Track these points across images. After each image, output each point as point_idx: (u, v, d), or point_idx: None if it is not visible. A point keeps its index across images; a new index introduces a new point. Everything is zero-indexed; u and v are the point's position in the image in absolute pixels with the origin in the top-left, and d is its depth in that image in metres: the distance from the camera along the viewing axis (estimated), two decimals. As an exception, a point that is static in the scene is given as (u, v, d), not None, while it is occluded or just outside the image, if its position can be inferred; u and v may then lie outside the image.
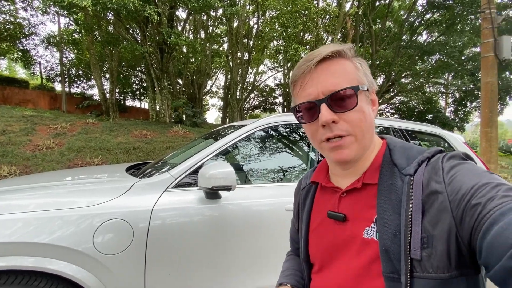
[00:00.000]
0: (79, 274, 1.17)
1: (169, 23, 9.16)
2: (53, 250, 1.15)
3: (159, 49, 9.13)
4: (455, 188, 0.43)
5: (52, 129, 6.70)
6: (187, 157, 1.63)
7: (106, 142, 6.41)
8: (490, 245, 0.37)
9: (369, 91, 0.56)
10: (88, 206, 1.25)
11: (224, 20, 15.14)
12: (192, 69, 16.40)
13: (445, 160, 0.48)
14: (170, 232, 1.35)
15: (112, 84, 11.28)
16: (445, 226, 0.43)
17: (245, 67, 14.83)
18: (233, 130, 1.84)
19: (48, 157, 5.34)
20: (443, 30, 13.76)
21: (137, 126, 8.10)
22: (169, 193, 1.44)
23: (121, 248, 1.25)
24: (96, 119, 8.80)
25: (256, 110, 22.67)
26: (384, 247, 0.47)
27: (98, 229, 1.22)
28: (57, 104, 14.59)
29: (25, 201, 1.23)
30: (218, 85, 23.90)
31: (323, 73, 0.53)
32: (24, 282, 1.13)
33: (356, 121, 0.52)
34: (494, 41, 6.26)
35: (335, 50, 0.53)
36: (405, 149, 0.55)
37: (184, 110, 11.85)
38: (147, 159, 5.91)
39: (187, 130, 8.26)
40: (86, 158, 5.51)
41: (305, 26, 10.08)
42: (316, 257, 0.63)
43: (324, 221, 0.61)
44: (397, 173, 0.51)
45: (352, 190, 0.56)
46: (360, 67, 0.55)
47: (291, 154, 1.95)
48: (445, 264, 0.42)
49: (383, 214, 0.49)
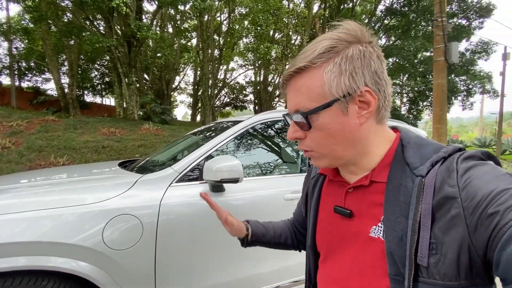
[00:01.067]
0: (91, 271, 1.16)
1: (137, 15, 8.73)
2: (63, 248, 1.12)
3: (127, 43, 8.67)
4: (470, 193, 0.39)
5: (6, 127, 6.04)
6: (174, 153, 1.65)
7: (71, 140, 5.96)
8: (511, 259, 0.34)
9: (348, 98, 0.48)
10: (96, 202, 1.23)
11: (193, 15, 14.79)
12: (160, 64, 15.78)
13: (460, 160, 0.44)
14: (179, 226, 1.38)
15: (71, 78, 10.41)
16: (457, 234, 0.40)
17: (216, 64, 14.67)
18: (229, 126, 1.89)
19: (5, 157, 4.83)
20: (400, 35, 15.00)
21: (104, 124, 7.63)
22: (174, 187, 1.46)
23: (131, 243, 1.26)
24: (54, 116, 8.08)
25: (227, 107, 22.54)
26: (390, 249, 0.46)
27: (107, 224, 1.21)
28: (5, 100, 13.04)
29: (31, 199, 1.18)
30: (186, 81, 23.29)
31: (290, 90, 0.54)
32: (32, 283, 1.09)
33: (318, 140, 0.52)
34: (444, 47, 7.03)
35: (297, 67, 0.50)
36: (419, 146, 0.51)
37: (152, 106, 11.40)
38: (119, 158, 5.63)
39: (158, 128, 7.97)
40: (50, 158, 5.08)
41: (276, 26, 10.29)
42: (322, 247, 0.64)
43: (330, 214, 0.61)
44: (408, 173, 0.48)
45: (359, 186, 0.55)
46: (329, 76, 0.48)
47: (287, 147, 2.07)
48: (453, 272, 0.40)
49: (390, 216, 0.47)
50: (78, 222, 1.16)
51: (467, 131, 58.60)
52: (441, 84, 7.26)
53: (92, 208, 1.21)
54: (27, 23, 13.93)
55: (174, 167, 1.53)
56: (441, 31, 7.03)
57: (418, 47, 14.71)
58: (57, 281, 1.14)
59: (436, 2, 7.24)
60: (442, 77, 7.25)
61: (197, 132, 2.39)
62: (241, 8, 15.05)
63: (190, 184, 1.53)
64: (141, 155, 5.85)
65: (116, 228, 1.23)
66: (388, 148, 0.53)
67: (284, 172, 1.93)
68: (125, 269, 1.24)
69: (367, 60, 0.49)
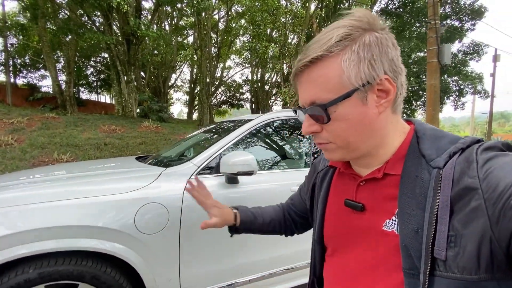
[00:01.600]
0: (125, 252, 1.30)
1: (136, 13, 8.77)
2: (102, 232, 1.26)
3: (126, 40, 8.71)
4: (491, 184, 0.38)
5: (7, 124, 6.08)
6: (189, 148, 1.80)
7: (73, 137, 6.03)
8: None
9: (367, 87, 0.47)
10: (128, 192, 1.37)
11: (190, 13, 14.82)
12: (157, 62, 15.79)
13: (480, 151, 0.43)
14: (200, 213, 1.53)
15: (69, 75, 10.39)
16: (478, 226, 0.38)
17: (213, 62, 14.74)
18: (240, 124, 2.04)
19: (9, 154, 4.89)
20: (394, 36, 15.28)
21: (104, 121, 7.69)
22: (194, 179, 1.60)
23: (159, 228, 1.40)
24: (53, 113, 8.09)
25: (224, 105, 22.62)
26: (404, 243, 0.45)
27: (138, 211, 1.36)
28: (0, 96, 12.93)
29: (74, 188, 1.32)
30: (183, 79, 23.30)
31: (303, 82, 0.51)
32: (73, 262, 1.23)
33: (336, 131, 0.50)
34: (437, 49, 7.27)
35: (312, 57, 0.47)
36: (435, 138, 0.49)
37: (149, 104, 11.45)
38: (121, 155, 5.73)
39: (158, 125, 8.07)
40: (53, 155, 5.16)
41: (274, 25, 10.42)
42: (330, 241, 0.62)
43: (340, 208, 0.59)
44: (424, 165, 0.47)
45: (372, 179, 0.53)
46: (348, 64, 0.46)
47: (296, 144, 2.23)
48: (473, 265, 0.38)
49: (405, 209, 0.46)
50: (115, 209, 1.31)
51: (459, 131, 59.77)
52: (434, 84, 7.51)
53: (126, 197, 1.35)
54: (22, 19, 13.78)
55: (193, 161, 1.68)
56: (434, 34, 7.27)
57: (412, 48, 15.01)
58: (94, 262, 1.28)
59: (430, 5, 7.47)
60: (435, 78, 7.50)
61: (207, 130, 2.54)
62: (238, 6, 15.16)
63: (206, 176, 1.68)
64: (143, 152, 5.95)
65: (146, 214, 1.37)
66: (402, 140, 0.52)
67: (291, 167, 2.09)
68: (153, 251, 1.38)
69: (384, 47, 0.48)
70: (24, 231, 1.15)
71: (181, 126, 9.74)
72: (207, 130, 2.61)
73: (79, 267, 1.22)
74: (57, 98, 10.06)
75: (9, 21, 13.13)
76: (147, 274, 1.36)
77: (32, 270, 1.16)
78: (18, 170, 4.46)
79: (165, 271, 1.42)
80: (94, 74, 19.15)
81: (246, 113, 34.12)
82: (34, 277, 1.16)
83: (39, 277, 1.17)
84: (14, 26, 13.57)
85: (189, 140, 2.57)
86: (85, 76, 18.35)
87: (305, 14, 10.96)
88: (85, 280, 1.23)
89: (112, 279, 1.28)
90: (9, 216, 1.17)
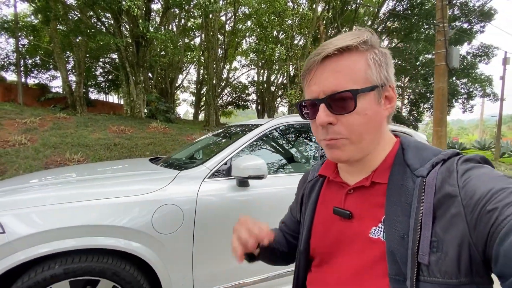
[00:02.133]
0: (143, 250, 1.37)
1: (145, 16, 8.93)
2: (122, 231, 1.33)
3: (135, 42, 8.87)
4: (469, 192, 0.41)
5: (20, 124, 6.25)
6: (201, 151, 1.87)
7: (84, 138, 6.17)
8: (507, 253, 0.35)
9: (383, 88, 0.52)
10: (147, 193, 1.45)
11: (197, 15, 14.97)
12: (164, 63, 15.98)
13: (460, 162, 0.46)
14: (213, 215, 1.60)
15: (79, 76, 10.61)
16: (457, 231, 0.41)
17: (220, 63, 14.87)
18: (250, 128, 2.10)
19: (22, 153, 5.05)
20: (402, 38, 15.20)
21: (113, 122, 7.84)
22: (207, 182, 1.67)
23: (174, 228, 1.47)
24: (63, 113, 8.28)
25: (230, 106, 22.74)
26: (391, 249, 0.46)
27: (156, 212, 1.43)
28: (11, 96, 13.25)
29: (93, 190, 1.40)
30: (189, 80, 23.50)
31: (326, 71, 0.51)
32: (95, 260, 1.31)
33: (354, 125, 0.51)
34: (446, 52, 7.23)
35: (343, 45, 0.50)
36: (419, 149, 0.53)
37: (157, 105, 11.62)
38: (130, 155, 5.85)
39: (166, 126, 8.19)
40: (65, 154, 5.30)
41: (281, 27, 10.48)
42: (317, 251, 0.62)
43: (329, 216, 0.60)
44: (408, 174, 0.50)
45: (360, 188, 0.55)
46: (373, 62, 0.51)
47: (304, 148, 2.29)
48: (454, 270, 0.41)
49: (391, 216, 0.48)
50: (134, 210, 1.38)
51: (467, 134, 58.92)
52: (441, 88, 7.47)
53: (144, 199, 1.43)
54: (33, 20, 14.10)
55: (206, 164, 1.74)
56: (443, 37, 7.24)
57: (420, 50, 14.91)
58: (114, 259, 1.35)
59: (438, 8, 7.44)
60: (443, 81, 7.46)
61: (217, 134, 2.61)
62: (244, 8, 15.25)
63: (218, 179, 1.74)
64: (151, 153, 6.07)
65: (162, 215, 1.44)
66: (389, 151, 0.55)
67: (299, 171, 2.15)
68: (169, 250, 1.45)
69: (390, 61, 0.54)
70: (47, 231, 1.23)
71: (188, 127, 9.86)
72: (216, 134, 2.68)
73: (101, 264, 1.30)
74: (67, 98, 10.28)
75: (20, 22, 13.46)
76: (162, 272, 1.43)
77: (57, 266, 1.24)
78: (31, 169, 4.60)
79: (180, 269, 1.49)
80: (103, 74, 19.45)
81: (251, 114, 34.16)
82: (60, 273, 1.24)
83: (64, 272, 1.25)
84: (25, 27, 13.91)
85: (200, 143, 2.65)
86: (94, 77, 18.67)
87: (312, 16, 11.00)
88: (106, 276, 1.31)
89: (130, 276, 1.36)
90: (32, 216, 1.25)
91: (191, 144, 2.76)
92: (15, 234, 1.19)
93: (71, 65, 14.13)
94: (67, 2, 8.98)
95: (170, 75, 17.58)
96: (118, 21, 8.38)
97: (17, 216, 1.24)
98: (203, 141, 2.68)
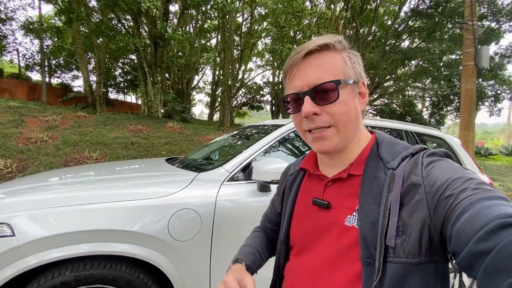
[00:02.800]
0: (158, 259, 1.28)
1: (164, 17, 9.02)
2: (136, 237, 1.24)
3: (153, 43, 8.98)
4: (431, 181, 0.46)
5: (42, 122, 6.44)
6: (218, 152, 1.76)
7: (102, 136, 6.27)
8: (459, 232, 0.39)
9: (357, 84, 0.57)
10: (163, 197, 1.35)
11: (214, 16, 15.04)
12: (181, 64, 16.17)
13: (425, 155, 0.52)
14: (232, 222, 1.48)
15: (99, 76, 10.90)
16: (420, 216, 0.45)
17: (235, 64, 14.87)
18: (270, 129, 1.98)
19: (43, 150, 5.16)
20: (425, 37, 14.59)
21: (131, 121, 7.95)
22: (226, 185, 1.56)
23: (191, 235, 1.37)
24: (83, 112, 8.50)
25: (244, 107, 22.74)
26: (363, 234, 0.50)
27: (172, 217, 1.33)
28: (36, 95, 13.83)
29: (106, 192, 1.32)
30: (205, 81, 23.71)
31: (309, 66, 0.55)
32: (108, 266, 1.22)
33: (338, 114, 0.54)
34: (475, 51, 6.82)
35: (322, 43, 0.55)
36: (391, 145, 0.58)
37: (173, 105, 11.73)
38: (147, 154, 5.87)
39: (182, 126, 8.22)
40: (84, 152, 5.38)
41: (298, 27, 10.31)
42: (296, 240, 0.65)
43: (308, 207, 0.63)
44: (381, 166, 0.54)
45: (337, 180, 0.59)
46: (349, 60, 0.57)
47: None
48: (415, 250, 0.45)
49: (364, 204, 0.52)
50: (150, 214, 1.29)
51: (492, 138, 56.02)
52: (470, 89, 7.05)
53: (160, 202, 1.33)
54: (56, 21, 14.66)
55: (225, 166, 1.63)
56: (472, 35, 6.83)
57: (443, 50, 14.25)
58: (128, 267, 1.26)
59: (467, 5, 7.03)
60: (471, 82, 7.04)
61: (234, 135, 2.51)
62: (260, 8, 15.15)
63: (238, 183, 1.63)
64: (167, 152, 6.07)
65: (179, 220, 1.35)
66: (365, 146, 0.60)
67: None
68: (185, 258, 1.35)
69: (361, 61, 0.60)
70: (60, 234, 1.16)
71: (203, 127, 9.87)
72: (233, 134, 2.57)
73: (113, 271, 1.21)
74: (87, 98, 10.58)
75: (45, 24, 14.03)
76: (178, 282, 1.33)
77: (68, 273, 1.16)
78: (51, 166, 4.68)
79: (197, 280, 1.38)
80: (122, 75, 19.97)
81: (265, 115, 33.99)
82: (70, 280, 1.16)
83: (75, 280, 1.17)
84: (49, 29, 14.48)
85: (217, 143, 2.55)
86: (113, 77, 19.19)
87: (330, 16, 10.75)
88: (119, 285, 1.22)
89: (144, 285, 1.26)
90: (46, 218, 1.18)
91: (208, 145, 2.68)
92: (26, 236, 1.12)
93: (92, 66, 14.58)
94: (89, 4, 9.24)
95: (187, 76, 17.78)
96: (137, 22, 8.51)
97: (30, 218, 1.17)
98: (220, 141, 2.58)
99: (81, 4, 8.36)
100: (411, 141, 2.40)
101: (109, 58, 16.96)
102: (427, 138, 2.67)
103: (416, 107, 19.27)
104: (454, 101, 16.13)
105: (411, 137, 2.45)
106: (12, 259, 1.09)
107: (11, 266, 1.09)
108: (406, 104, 17.82)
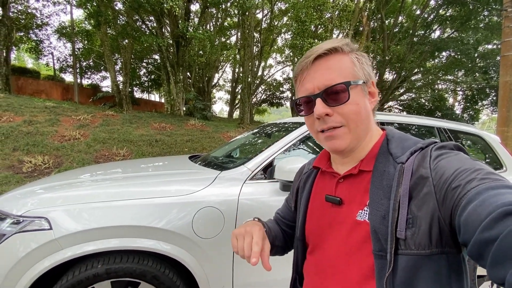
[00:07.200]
0: (183, 255, 1.31)
1: (185, 16, 9.19)
2: (162, 234, 1.28)
3: (175, 43, 9.18)
4: (439, 173, 0.47)
5: (75, 120, 6.84)
6: (239, 150, 1.75)
7: (128, 134, 6.54)
8: (466, 222, 0.39)
9: (366, 84, 0.59)
10: (187, 194, 1.38)
11: (233, 13, 15.08)
12: (202, 62, 16.44)
13: (433, 149, 0.52)
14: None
15: (125, 76, 11.37)
16: (429, 208, 0.46)
17: (255, 61, 14.84)
18: (292, 127, 1.95)
19: (76, 147, 5.49)
20: (457, 26, 13.64)
21: (155, 119, 8.23)
22: (248, 184, 1.56)
23: (215, 233, 1.38)
24: (111, 110, 8.92)
25: (264, 104, 22.70)
26: (374, 228, 0.51)
27: (196, 215, 1.35)
28: (69, 95, 14.74)
29: (134, 189, 1.36)
30: (225, 79, 23.94)
31: (319, 69, 0.57)
32: (136, 261, 1.27)
33: (349, 114, 0.56)
34: (515, 40, 6.25)
35: (330, 47, 0.57)
36: (401, 140, 0.58)
37: (194, 103, 11.97)
38: (170, 151, 6.05)
39: (203, 124, 8.37)
40: (112, 149, 5.66)
41: (320, 21, 10.05)
42: (311, 236, 0.67)
43: (321, 203, 0.65)
44: (391, 161, 0.55)
45: (349, 176, 0.60)
46: (357, 61, 0.58)
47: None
48: (426, 242, 0.45)
49: (375, 199, 0.53)
50: (175, 211, 1.32)
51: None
52: (509, 82, 6.49)
53: (185, 200, 1.36)
54: (86, 25, 15.47)
55: (247, 165, 1.63)
56: (511, 23, 6.27)
57: (479, 40, 13.25)
58: (154, 262, 1.30)
59: (507, -11, 6.45)
60: (511, 74, 6.48)
61: (255, 133, 2.50)
62: (280, 4, 14.93)
63: (260, 182, 1.62)
64: (189, 149, 6.21)
65: (203, 218, 1.36)
66: (375, 142, 0.61)
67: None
68: (209, 255, 1.37)
69: (369, 61, 0.62)
70: (92, 229, 1.22)
71: (224, 124, 9.99)
72: (254, 132, 2.56)
73: (141, 266, 1.25)
74: (115, 97, 11.09)
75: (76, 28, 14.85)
76: (202, 279, 1.36)
77: (100, 266, 1.22)
78: (83, 163, 4.97)
79: (220, 277, 1.40)
80: (146, 74, 20.69)
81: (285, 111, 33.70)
82: (102, 273, 1.22)
83: (106, 272, 1.22)
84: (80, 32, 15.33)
85: (238, 141, 2.56)
86: (138, 77, 19.95)
87: (354, 8, 10.37)
88: (146, 279, 1.26)
89: (169, 281, 1.30)
90: (80, 214, 1.24)
91: (229, 142, 2.69)
92: (62, 230, 1.19)
93: (119, 66, 15.26)
94: (116, 7, 9.62)
95: (207, 74, 18.06)
96: (160, 23, 8.75)
97: (65, 212, 1.24)
98: (240, 139, 2.58)
99: (108, 8, 8.74)
100: (444, 139, 2.26)
101: (134, 59, 17.63)
102: (462, 135, 2.50)
103: (447, 102, 18.15)
104: (491, 94, 14.99)
105: (444, 134, 2.30)
106: (50, 251, 1.17)
107: (49, 258, 1.16)
108: (435, 99, 16.85)
